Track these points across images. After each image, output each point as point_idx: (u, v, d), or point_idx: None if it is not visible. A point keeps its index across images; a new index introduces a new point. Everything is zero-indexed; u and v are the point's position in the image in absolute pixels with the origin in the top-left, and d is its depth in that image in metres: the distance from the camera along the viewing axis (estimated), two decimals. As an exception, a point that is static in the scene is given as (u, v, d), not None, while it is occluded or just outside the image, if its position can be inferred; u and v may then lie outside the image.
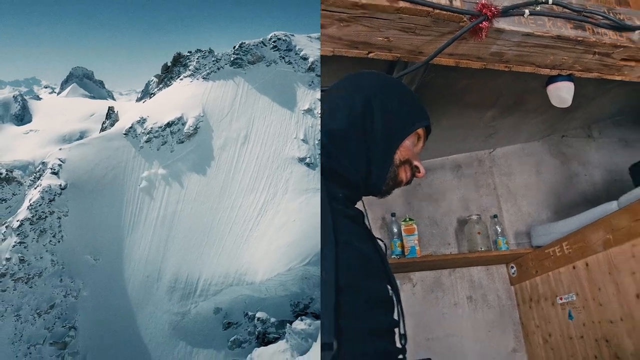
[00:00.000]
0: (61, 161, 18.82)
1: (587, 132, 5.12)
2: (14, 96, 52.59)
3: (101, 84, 60.44)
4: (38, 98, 58.63)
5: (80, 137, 34.50)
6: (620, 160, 4.53)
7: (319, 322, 14.83)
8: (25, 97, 53.92)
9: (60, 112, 50.39)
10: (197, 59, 20.70)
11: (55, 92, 64.99)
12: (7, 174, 19.24)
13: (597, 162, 5.00)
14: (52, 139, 45.04)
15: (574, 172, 4.93)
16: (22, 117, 51.30)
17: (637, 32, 2.55)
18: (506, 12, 2.23)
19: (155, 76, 54.18)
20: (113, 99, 58.85)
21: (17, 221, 17.57)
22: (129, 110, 22.42)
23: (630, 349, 3.30)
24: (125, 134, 19.37)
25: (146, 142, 19.09)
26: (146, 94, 49.21)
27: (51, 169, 18.63)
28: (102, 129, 21.34)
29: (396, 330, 1.42)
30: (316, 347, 13.61)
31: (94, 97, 56.04)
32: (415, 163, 1.58)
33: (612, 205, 3.79)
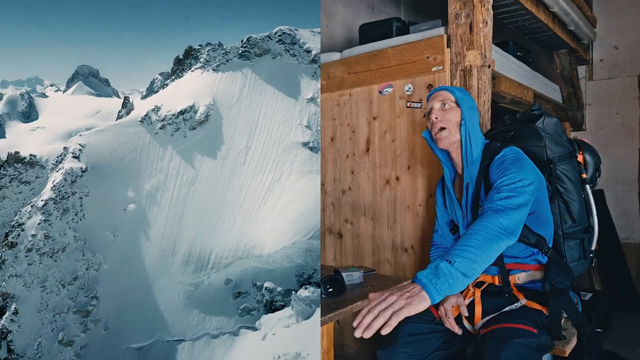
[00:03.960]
0: (81, 146, 19.94)
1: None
2: (20, 94, 53.08)
3: (106, 82, 61.25)
4: (44, 96, 59.08)
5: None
6: (362, 22, 4.28)
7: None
8: (31, 94, 54.51)
9: (67, 109, 50.90)
10: (208, 51, 21.96)
11: (60, 91, 65.57)
12: (30, 158, 20.43)
13: (341, 17, 4.89)
14: (58, 136, 45.46)
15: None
16: (29, 114, 51.89)
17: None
18: None
19: (161, 74, 55.01)
20: (118, 97, 59.61)
21: (42, 201, 18.52)
22: (136, 107, 23.44)
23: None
24: (140, 121, 20.59)
25: (160, 128, 20.32)
26: (151, 92, 49.98)
27: (72, 153, 19.73)
28: (118, 117, 22.56)
29: None
30: (318, 312, 14.66)
31: (99, 95, 56.68)
32: None
33: (335, 56, 4.05)
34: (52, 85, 68.79)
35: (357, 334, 1.61)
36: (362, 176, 3.93)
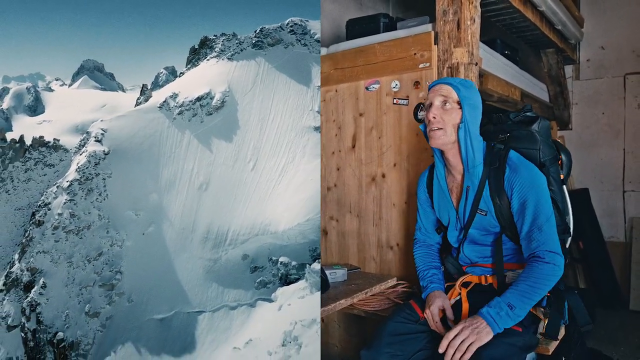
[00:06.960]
0: (103, 130, 20.88)
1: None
2: (27, 87, 53.84)
3: (111, 76, 62.02)
4: (50, 90, 59.71)
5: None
6: (350, 17, 4.19)
7: (334, 263, 16.36)
8: (37, 88, 55.02)
9: (72, 103, 51.48)
10: (222, 41, 22.95)
11: (66, 85, 66.07)
12: (54, 142, 21.33)
13: (328, 12, 4.73)
14: (65, 129, 46.13)
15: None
16: (35, 108, 52.54)
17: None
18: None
19: (165, 69, 55.65)
20: (123, 91, 60.32)
21: (67, 182, 19.47)
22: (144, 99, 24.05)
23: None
24: (159, 107, 21.56)
25: (178, 114, 21.28)
26: (156, 85, 50.71)
27: (95, 137, 20.68)
28: (137, 104, 23.52)
29: None
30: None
31: (104, 89, 57.38)
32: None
33: (322, 51, 4.01)
34: (57, 80, 69.37)
35: None
36: (348, 173, 3.87)
